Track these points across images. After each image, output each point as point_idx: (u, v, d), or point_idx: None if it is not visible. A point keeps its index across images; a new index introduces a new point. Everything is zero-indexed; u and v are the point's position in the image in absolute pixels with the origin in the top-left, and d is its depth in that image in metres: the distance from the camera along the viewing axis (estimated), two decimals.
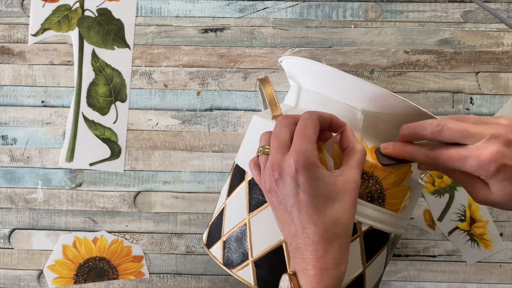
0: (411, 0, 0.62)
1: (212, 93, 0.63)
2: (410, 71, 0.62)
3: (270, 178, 0.38)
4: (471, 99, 0.62)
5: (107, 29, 0.63)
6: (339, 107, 0.44)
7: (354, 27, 0.62)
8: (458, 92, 0.62)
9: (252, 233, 0.43)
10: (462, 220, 0.63)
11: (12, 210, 0.64)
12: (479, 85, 0.62)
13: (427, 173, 0.57)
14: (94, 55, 0.63)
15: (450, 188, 0.63)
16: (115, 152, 0.63)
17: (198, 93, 0.63)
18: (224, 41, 0.63)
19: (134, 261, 0.64)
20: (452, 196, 0.63)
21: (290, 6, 0.62)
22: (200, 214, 0.64)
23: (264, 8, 0.62)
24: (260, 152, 0.40)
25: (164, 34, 0.63)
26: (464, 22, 0.62)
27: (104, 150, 0.63)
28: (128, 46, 0.63)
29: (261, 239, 0.43)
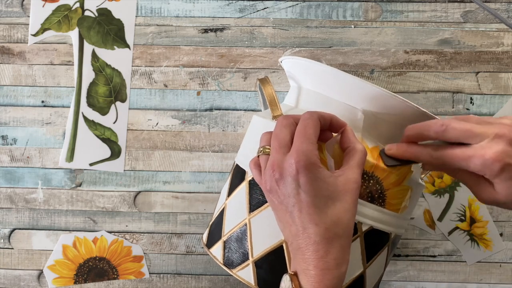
0: (411, 0, 0.62)
1: (212, 93, 0.63)
2: (410, 71, 0.62)
3: (271, 178, 0.38)
4: (471, 99, 0.62)
5: (107, 29, 0.63)
6: (339, 107, 0.44)
7: (354, 27, 0.62)
8: (458, 92, 0.62)
9: (252, 233, 0.43)
10: (462, 220, 0.63)
11: (12, 210, 0.64)
12: (479, 85, 0.62)
13: (427, 173, 0.57)
14: (94, 55, 0.63)
15: (450, 188, 0.63)
16: (115, 152, 0.63)
17: (198, 93, 0.63)
18: (224, 41, 0.63)
19: (134, 261, 0.64)
20: (452, 196, 0.63)
21: (290, 6, 0.62)
22: (200, 214, 0.64)
23: (264, 8, 0.62)
24: (261, 152, 0.40)
25: (164, 34, 0.63)
26: (464, 22, 0.62)
27: (104, 150, 0.63)
28: (128, 46, 0.63)
29: (261, 239, 0.43)
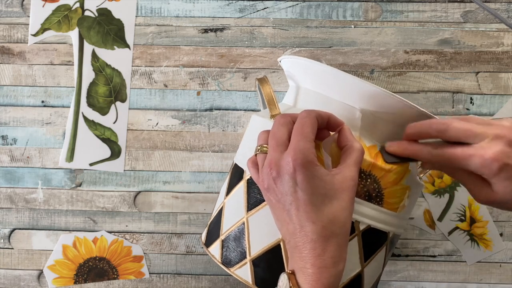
0: (411, 0, 0.62)
1: (212, 93, 0.63)
2: (410, 71, 0.62)
3: (268, 176, 0.38)
4: (471, 99, 0.62)
5: (107, 29, 0.63)
6: (337, 106, 0.44)
7: (354, 27, 0.62)
8: (458, 92, 0.62)
9: (250, 232, 0.43)
10: (462, 220, 0.63)
11: (12, 210, 0.64)
12: (479, 85, 0.62)
13: (426, 172, 0.57)
14: (94, 55, 0.63)
15: (450, 188, 0.63)
16: (115, 152, 0.63)
17: (198, 93, 0.63)
18: (224, 41, 0.63)
19: (134, 261, 0.64)
20: (452, 196, 0.63)
21: (290, 6, 0.62)
22: (200, 214, 0.64)
23: (264, 8, 0.62)
24: (258, 151, 0.40)
25: (164, 34, 0.63)
26: (464, 22, 0.62)
27: (104, 150, 0.63)
28: (128, 46, 0.63)
29: (259, 237, 0.43)
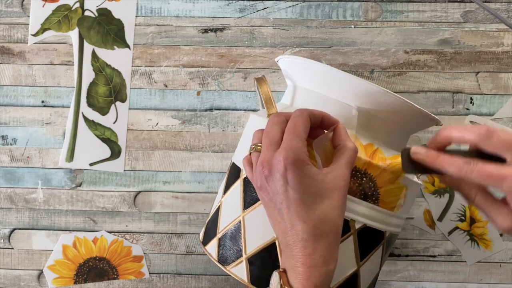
0: (411, 0, 0.62)
1: (212, 93, 0.63)
2: (410, 71, 0.62)
3: (260, 175, 0.38)
4: (471, 99, 0.62)
5: (107, 29, 0.63)
6: (334, 105, 0.44)
7: (354, 27, 0.62)
8: (458, 92, 0.62)
9: (246, 230, 0.44)
10: (462, 220, 0.63)
11: (12, 210, 0.64)
12: (479, 85, 0.62)
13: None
14: (94, 55, 0.63)
15: (450, 188, 0.63)
16: (115, 152, 0.63)
17: (198, 93, 0.63)
18: (224, 41, 0.63)
19: (134, 261, 0.64)
20: (452, 196, 0.63)
21: (290, 6, 0.62)
22: (200, 214, 0.64)
23: (264, 8, 0.62)
24: (253, 150, 0.41)
25: (164, 34, 0.63)
26: (464, 22, 0.62)
27: (104, 150, 0.63)
28: (128, 46, 0.63)
29: (255, 236, 0.43)
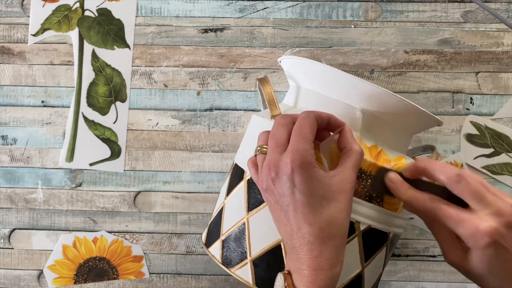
0: (411, 0, 0.62)
1: (212, 93, 0.63)
2: (410, 71, 0.62)
3: (267, 177, 0.38)
4: (471, 99, 0.62)
5: (107, 29, 0.63)
6: (338, 106, 0.44)
7: (354, 27, 0.62)
8: (458, 92, 0.62)
9: (250, 232, 0.43)
10: None
11: (12, 210, 0.64)
12: (479, 85, 0.62)
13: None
14: (94, 55, 0.63)
15: None
16: (115, 152, 0.63)
17: (198, 93, 0.63)
18: (224, 41, 0.63)
19: (134, 261, 0.64)
20: None
21: (290, 6, 0.62)
22: (200, 214, 0.64)
23: (264, 8, 0.62)
24: (258, 152, 0.40)
25: (164, 34, 0.63)
26: (464, 22, 0.62)
27: (104, 150, 0.63)
28: (128, 46, 0.63)
29: (259, 238, 0.43)
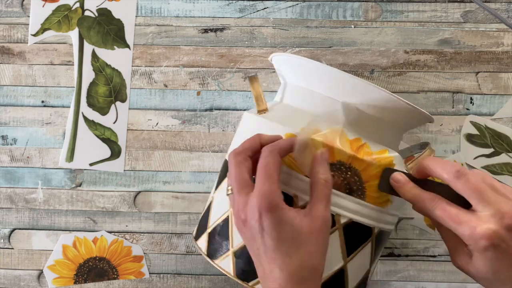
0: (411, 0, 0.62)
1: (212, 93, 0.63)
2: (410, 71, 0.62)
3: (237, 220, 0.39)
4: (471, 99, 0.62)
5: (107, 29, 0.63)
6: (321, 100, 0.44)
7: (354, 27, 0.62)
8: (458, 92, 0.62)
9: (233, 224, 0.44)
10: None
11: (12, 210, 0.64)
12: (479, 85, 0.62)
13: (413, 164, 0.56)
14: (94, 55, 0.63)
15: None
16: (115, 152, 0.63)
17: (198, 93, 0.63)
18: (224, 41, 0.63)
19: (134, 261, 0.64)
20: None
21: (290, 6, 0.62)
22: (200, 214, 0.63)
23: (264, 8, 0.62)
24: (229, 192, 0.40)
25: (164, 34, 0.63)
26: (464, 22, 0.62)
27: (104, 150, 0.63)
28: (128, 46, 0.63)
29: None
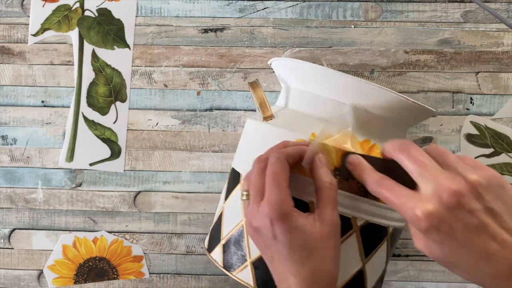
0: (411, 0, 0.62)
1: (212, 93, 0.63)
2: (410, 71, 0.62)
3: (250, 227, 0.39)
4: (471, 99, 0.62)
5: (107, 29, 0.63)
6: (327, 103, 0.44)
7: (354, 27, 0.62)
8: (458, 92, 0.62)
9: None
10: None
11: (12, 210, 0.64)
12: (479, 85, 0.62)
13: None
14: (94, 55, 0.63)
15: None
16: (115, 152, 0.63)
17: (198, 93, 0.63)
18: (224, 41, 0.63)
19: (134, 261, 0.64)
20: None
21: (290, 6, 0.62)
22: (200, 214, 0.64)
23: (264, 8, 0.62)
24: (244, 197, 0.41)
25: (164, 34, 0.63)
26: (464, 22, 0.62)
27: (104, 150, 0.63)
28: (128, 46, 0.63)
29: None
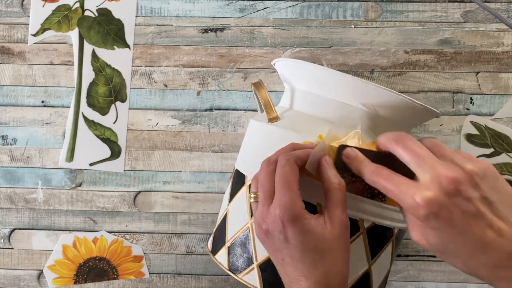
0: (411, 0, 0.62)
1: (212, 93, 0.63)
2: (410, 71, 0.62)
3: (259, 230, 0.38)
4: (471, 99, 0.62)
5: (107, 29, 0.63)
6: (334, 105, 0.44)
7: (354, 27, 0.62)
8: (458, 92, 0.62)
9: (255, 237, 0.43)
10: None
11: (12, 210, 0.64)
12: (479, 85, 0.62)
13: None
14: (94, 55, 0.63)
15: None
16: (115, 152, 0.63)
17: (198, 93, 0.63)
18: (224, 41, 0.63)
19: (134, 261, 0.64)
20: None
21: (290, 6, 0.62)
22: (200, 214, 0.64)
23: (264, 8, 0.62)
24: (252, 199, 0.40)
25: (164, 34, 0.63)
26: (464, 22, 0.62)
27: (104, 150, 0.63)
28: (128, 46, 0.63)
29: None
